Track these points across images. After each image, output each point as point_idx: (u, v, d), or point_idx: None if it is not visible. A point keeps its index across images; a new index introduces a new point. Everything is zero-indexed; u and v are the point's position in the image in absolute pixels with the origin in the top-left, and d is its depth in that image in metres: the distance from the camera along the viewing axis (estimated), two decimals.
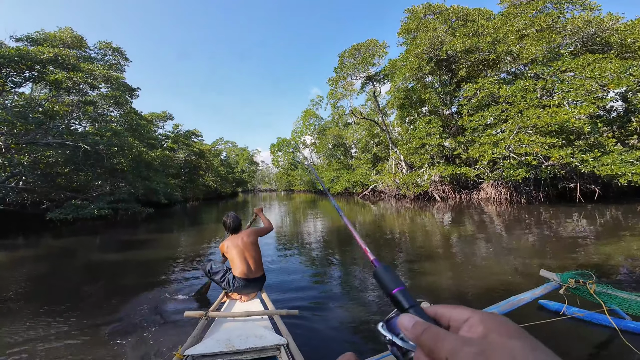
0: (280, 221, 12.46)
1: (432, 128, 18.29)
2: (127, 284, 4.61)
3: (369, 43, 22.33)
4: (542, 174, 12.05)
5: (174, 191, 21.66)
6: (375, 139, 35.13)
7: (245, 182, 64.59)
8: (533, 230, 7.65)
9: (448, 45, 15.14)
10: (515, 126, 12.09)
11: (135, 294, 4.00)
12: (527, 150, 11.28)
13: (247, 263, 2.82)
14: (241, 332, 1.98)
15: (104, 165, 12.77)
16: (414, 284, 4.06)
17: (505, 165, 12.81)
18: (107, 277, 5.06)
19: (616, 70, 11.88)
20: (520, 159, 12.15)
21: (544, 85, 13.09)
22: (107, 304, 3.71)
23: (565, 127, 11.40)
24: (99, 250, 7.98)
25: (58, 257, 7.09)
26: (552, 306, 2.85)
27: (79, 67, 12.39)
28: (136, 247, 7.95)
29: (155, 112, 31.54)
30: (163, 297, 3.81)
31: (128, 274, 5.31)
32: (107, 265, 5.95)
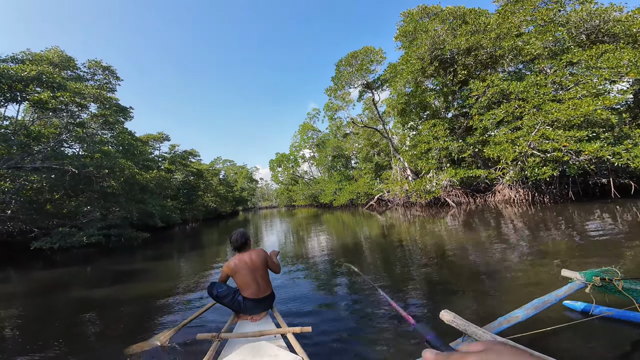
0: (284, 238, 12.06)
1: (439, 131, 17.56)
2: (123, 316, 4.23)
3: (366, 50, 22.05)
4: (571, 170, 11.13)
5: (172, 213, 20.60)
6: (376, 147, 34.51)
7: (245, 200, 63.38)
8: (563, 230, 7.12)
9: (451, 44, 14.66)
10: (535, 122, 11.31)
11: (134, 326, 3.72)
12: (555, 146, 10.41)
13: (257, 283, 2.72)
14: (255, 352, 1.95)
15: (93, 189, 11.75)
16: (439, 294, 3.84)
17: (529, 164, 11.90)
18: (100, 312, 4.52)
19: (632, 59, 11.32)
20: (545, 156, 11.27)
21: (554, 79, 12.50)
22: (104, 341, 3.42)
23: (590, 119, 10.62)
24: (90, 282, 7.00)
25: (45, 291, 6.29)
26: (579, 307, 2.72)
27: (66, 85, 11.65)
28: (131, 277, 7.00)
29: (151, 134, 30.87)
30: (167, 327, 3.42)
31: (123, 305, 4.75)
32: (101, 299, 5.25)
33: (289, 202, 53.06)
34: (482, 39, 14.20)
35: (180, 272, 7.39)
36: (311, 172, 51.11)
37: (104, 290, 5.97)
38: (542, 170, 11.52)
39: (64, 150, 13.68)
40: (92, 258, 10.36)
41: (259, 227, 20.44)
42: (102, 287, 6.33)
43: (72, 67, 16.11)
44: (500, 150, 12.44)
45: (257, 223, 24.56)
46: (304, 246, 9.21)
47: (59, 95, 11.14)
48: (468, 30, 14.65)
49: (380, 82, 23.78)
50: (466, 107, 20.24)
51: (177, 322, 3.53)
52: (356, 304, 3.73)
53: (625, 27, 14.16)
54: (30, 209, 11.48)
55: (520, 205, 14.02)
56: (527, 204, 13.94)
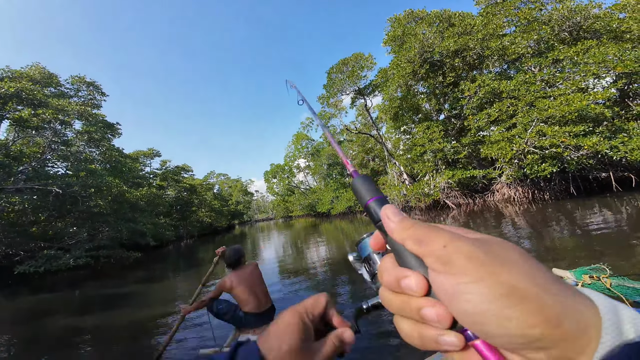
0: (283, 251, 11.91)
1: (433, 133, 17.47)
2: (112, 345, 4.01)
3: (356, 57, 22.16)
4: (571, 166, 10.99)
5: (165, 231, 19.87)
6: (371, 153, 34.49)
7: (241, 213, 62.44)
8: (565, 227, 7.00)
9: (440, 46, 14.73)
10: (530, 119, 11.23)
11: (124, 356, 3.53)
12: (554, 142, 10.27)
13: (257, 297, 2.72)
14: None
15: (79, 209, 11.14)
16: None
17: (527, 161, 11.74)
18: (89, 341, 4.30)
19: (616, 53, 11.46)
20: (543, 153, 11.12)
21: (542, 76, 12.57)
22: None
23: (583, 114, 10.57)
24: (77, 308, 6.51)
25: (31, 318, 5.94)
26: None
27: (47, 102, 11.18)
28: (121, 302, 6.54)
29: (141, 150, 30.29)
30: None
31: (112, 333, 4.54)
32: (89, 327, 4.95)
33: (286, 213, 52.32)
34: (469, 40, 14.32)
35: (172, 294, 6.92)
36: (307, 181, 50.73)
37: (91, 317, 5.56)
38: (542, 167, 11.36)
39: (49, 170, 13.07)
40: (81, 281, 9.84)
41: (256, 241, 20.00)
42: (90, 313, 5.90)
43: (55, 83, 15.64)
44: (497, 149, 12.30)
45: (254, 237, 23.98)
46: (304, 258, 9.12)
47: (40, 113, 10.66)
48: (455, 32, 14.78)
49: (371, 87, 23.85)
50: (458, 108, 20.35)
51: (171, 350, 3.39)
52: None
53: (605, 23, 14.46)
54: (12, 231, 10.81)
55: (521, 203, 13.82)
56: (528, 202, 13.74)
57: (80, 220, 12.12)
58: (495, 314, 0.20)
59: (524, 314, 0.20)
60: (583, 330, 0.20)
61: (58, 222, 12.53)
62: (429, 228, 0.25)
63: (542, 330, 0.19)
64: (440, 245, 0.23)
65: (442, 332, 0.23)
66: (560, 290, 0.21)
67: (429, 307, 0.24)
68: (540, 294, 0.20)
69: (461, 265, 0.22)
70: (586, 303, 0.21)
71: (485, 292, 0.21)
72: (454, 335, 0.23)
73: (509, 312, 0.20)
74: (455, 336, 0.23)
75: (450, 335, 0.23)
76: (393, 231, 0.27)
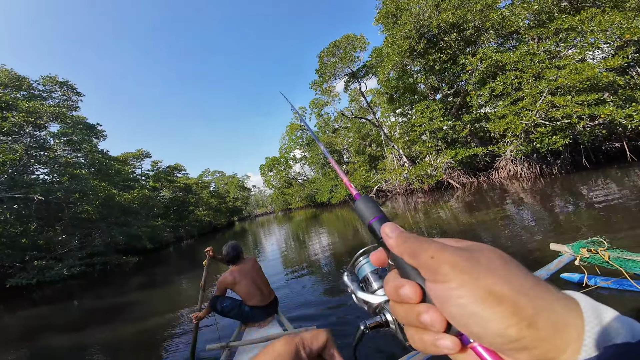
0: (285, 244, 11.77)
1: (433, 112, 16.76)
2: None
3: (347, 38, 21.10)
4: (584, 137, 10.44)
5: (163, 233, 19.20)
6: (367, 138, 33.75)
7: (239, 209, 61.78)
8: (572, 201, 6.78)
9: (437, 19, 13.81)
10: (538, 90, 10.58)
11: None
12: (567, 112, 9.65)
13: (260, 290, 2.73)
14: None
15: (65, 216, 10.39)
16: None
17: (536, 135, 11.15)
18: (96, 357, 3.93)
19: (622, 21, 10.79)
20: (555, 125, 10.53)
21: (546, 47, 11.86)
22: None
23: (594, 83, 9.93)
24: (75, 322, 5.97)
25: (25, 334, 5.44)
26: (575, 278, 2.73)
27: (16, 105, 10.22)
28: (125, 311, 6.07)
29: (130, 152, 29.18)
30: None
31: (119, 347, 4.16)
32: (94, 341, 4.53)
33: (285, 205, 51.79)
34: (467, 12, 13.43)
35: (178, 299, 6.39)
36: (304, 172, 50.00)
37: (94, 330, 5.09)
38: (553, 139, 10.79)
39: (29, 177, 12.16)
40: (79, 291, 9.30)
41: (257, 235, 19.62)
42: (91, 325, 5.41)
43: (27, 86, 14.47)
44: (505, 123, 11.66)
45: (255, 232, 23.52)
46: (306, 249, 8.98)
47: (9, 117, 9.72)
48: (452, 5, 13.85)
49: (366, 69, 22.87)
50: (457, 84, 19.57)
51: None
52: None
53: None
54: (0, 244, 10.07)
55: (528, 179, 13.36)
56: (534, 178, 13.29)
57: (70, 227, 11.36)
58: (478, 316, 0.22)
59: (500, 316, 0.21)
60: (561, 331, 0.21)
61: (48, 231, 11.79)
62: (420, 241, 0.27)
63: (517, 330, 0.21)
64: (428, 256, 0.25)
65: (439, 336, 0.25)
66: (538, 292, 0.22)
67: (425, 312, 0.26)
68: (515, 297, 0.22)
69: (446, 273, 0.24)
70: (567, 304, 0.23)
71: (468, 296, 0.23)
72: (449, 339, 0.25)
73: (488, 314, 0.22)
74: (451, 339, 0.25)
75: (446, 338, 0.25)
76: (392, 246, 0.29)
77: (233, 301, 2.76)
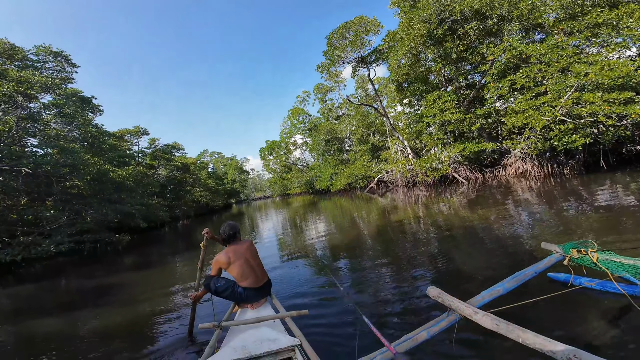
0: (282, 228, 11.76)
1: (446, 103, 16.05)
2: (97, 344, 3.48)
3: (359, 20, 19.93)
4: (605, 137, 9.91)
5: (158, 212, 18.75)
6: (371, 127, 32.92)
7: (237, 192, 61.39)
8: (580, 202, 6.58)
9: (462, 4, 12.83)
10: (565, 85, 9.93)
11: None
12: (595, 109, 9.06)
13: (254, 271, 2.73)
14: (255, 338, 2.01)
15: (54, 190, 9.85)
16: (433, 271, 3.90)
17: (555, 132, 10.59)
18: (84, 341, 3.63)
19: None
20: (578, 123, 9.96)
21: (576, 41, 11.09)
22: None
23: (627, 81, 9.30)
24: (66, 301, 5.64)
25: (10, 316, 5.14)
26: (561, 278, 2.76)
27: (5, 74, 9.46)
28: (118, 291, 5.78)
29: (127, 128, 28.24)
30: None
31: (110, 330, 3.87)
32: (82, 323, 4.25)
33: (283, 191, 51.39)
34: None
35: (172, 279, 6.02)
36: (304, 158, 49.29)
37: (82, 312, 4.74)
38: (573, 138, 10.26)
39: (20, 149, 11.50)
40: (69, 269, 8.93)
41: (254, 219, 19.37)
42: (80, 306, 5.09)
43: (22, 56, 13.52)
44: (525, 118, 11.05)
45: (252, 215, 23.23)
46: (302, 235, 9.04)
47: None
48: None
49: (376, 54, 21.79)
50: (473, 75, 18.72)
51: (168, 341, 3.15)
52: (354, 286, 3.79)
53: None
54: None
55: (537, 178, 12.94)
56: (543, 177, 12.87)
57: (60, 203, 10.85)
58: None
59: None
60: None
61: (39, 205, 11.29)
62: None
63: None
64: None
65: None
66: None
67: None
68: None
69: None
70: None
71: None
72: None
73: None
74: None
75: None
76: None
77: (227, 281, 2.75)
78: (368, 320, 2.04)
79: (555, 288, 2.59)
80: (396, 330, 2.51)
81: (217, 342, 2.18)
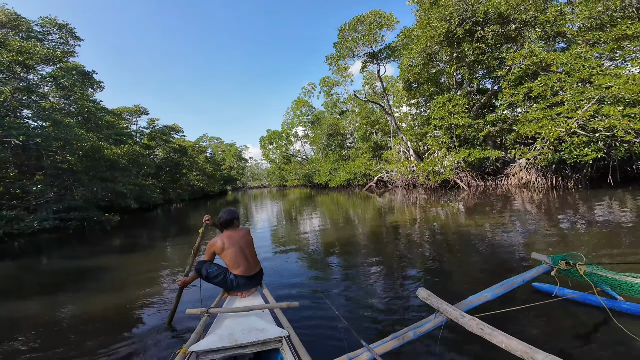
0: (276, 220, 11.60)
1: (456, 106, 15.67)
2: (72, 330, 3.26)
3: (374, 14, 19.32)
4: (618, 153, 9.65)
5: (152, 193, 18.28)
6: (375, 125, 32.46)
7: (234, 179, 60.78)
8: (579, 216, 6.61)
9: (487, 4, 12.31)
10: (585, 97, 9.60)
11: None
12: (615, 123, 8.75)
13: (247, 260, 2.71)
14: (243, 327, 1.99)
15: (43, 164, 9.38)
16: (424, 273, 3.89)
17: (567, 144, 10.31)
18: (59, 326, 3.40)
19: None
20: (594, 136, 9.67)
21: (600, 52, 10.73)
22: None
23: None
24: (45, 282, 5.25)
25: None
26: (546, 288, 2.85)
27: (6, 43, 8.93)
28: (100, 274, 5.41)
29: (126, 106, 27.50)
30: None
31: (89, 317, 3.59)
32: (59, 307, 4.01)
33: (281, 181, 50.98)
34: (522, 1, 11.96)
35: (160, 265, 5.70)
36: (304, 151, 48.76)
37: (59, 292, 4.53)
38: (584, 151, 9.99)
39: (12, 120, 10.94)
40: (48, 248, 8.54)
41: (249, 208, 19.07)
42: (58, 289, 4.76)
43: (27, 27, 13.00)
44: (538, 127, 10.73)
45: (247, 204, 22.89)
46: (297, 227, 8.97)
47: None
48: None
49: (388, 51, 21.22)
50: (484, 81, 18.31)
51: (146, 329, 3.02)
52: (345, 283, 3.80)
53: None
54: None
55: (540, 190, 12.74)
56: (546, 189, 12.68)
57: (48, 177, 10.37)
58: None
59: None
60: None
61: (29, 179, 10.80)
62: None
63: None
64: None
65: None
66: None
67: None
68: None
69: None
70: None
71: None
72: None
73: None
74: None
75: None
76: None
77: (219, 267, 2.72)
78: (345, 323, 2.12)
79: (540, 298, 2.74)
80: (384, 328, 2.56)
81: (204, 328, 2.15)
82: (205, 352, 1.75)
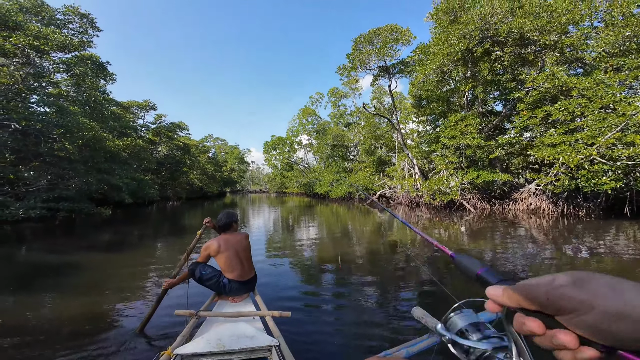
0: (273, 226, 11.44)
1: (468, 126, 15.38)
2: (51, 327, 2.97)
3: (391, 28, 19.36)
4: (638, 183, 9.26)
5: (149, 188, 17.79)
6: (380, 140, 32.26)
7: (234, 181, 60.41)
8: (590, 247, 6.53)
9: (510, 24, 12.19)
10: (607, 124, 9.30)
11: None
12: (638, 152, 8.40)
13: (242, 265, 2.69)
14: (232, 333, 1.93)
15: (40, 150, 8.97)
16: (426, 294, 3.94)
17: (584, 172, 9.92)
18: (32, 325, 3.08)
19: None
20: (614, 165, 9.30)
21: (624, 79, 10.53)
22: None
23: None
24: (20, 274, 4.74)
25: None
26: None
27: (26, 27, 8.80)
28: (83, 270, 5.09)
29: (135, 100, 27.41)
30: None
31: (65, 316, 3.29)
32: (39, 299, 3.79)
33: (281, 188, 50.49)
34: (547, 23, 11.85)
35: (148, 264, 5.32)
36: (307, 159, 48.50)
37: (35, 287, 4.12)
38: (602, 180, 9.58)
39: (15, 104, 10.64)
40: (32, 239, 8.06)
41: (246, 211, 18.63)
42: (34, 281, 4.41)
43: (50, 15, 13.01)
44: (556, 152, 10.36)
45: (244, 208, 22.37)
46: (294, 236, 8.86)
47: (13, 38, 8.19)
48: (530, 12, 12.23)
49: (401, 66, 21.19)
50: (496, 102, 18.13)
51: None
52: (340, 297, 3.75)
53: None
54: None
55: (550, 217, 12.27)
56: (556, 217, 12.22)
57: (43, 164, 9.92)
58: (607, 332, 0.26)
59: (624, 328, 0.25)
60: None
61: (27, 165, 10.36)
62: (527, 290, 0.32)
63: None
64: (544, 299, 0.30)
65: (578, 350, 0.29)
66: None
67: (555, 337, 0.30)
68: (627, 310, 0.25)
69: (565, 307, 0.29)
70: None
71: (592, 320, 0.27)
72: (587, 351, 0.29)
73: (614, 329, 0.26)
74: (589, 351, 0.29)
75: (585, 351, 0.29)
76: (507, 303, 0.35)
77: (213, 270, 2.66)
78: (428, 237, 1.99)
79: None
80: (377, 344, 2.55)
81: (192, 331, 2.07)
82: (190, 355, 1.67)
